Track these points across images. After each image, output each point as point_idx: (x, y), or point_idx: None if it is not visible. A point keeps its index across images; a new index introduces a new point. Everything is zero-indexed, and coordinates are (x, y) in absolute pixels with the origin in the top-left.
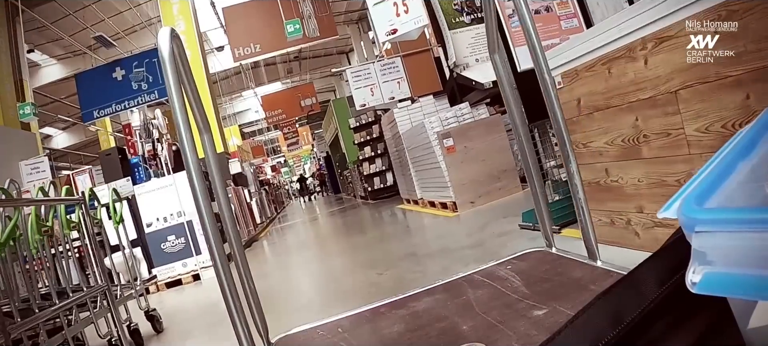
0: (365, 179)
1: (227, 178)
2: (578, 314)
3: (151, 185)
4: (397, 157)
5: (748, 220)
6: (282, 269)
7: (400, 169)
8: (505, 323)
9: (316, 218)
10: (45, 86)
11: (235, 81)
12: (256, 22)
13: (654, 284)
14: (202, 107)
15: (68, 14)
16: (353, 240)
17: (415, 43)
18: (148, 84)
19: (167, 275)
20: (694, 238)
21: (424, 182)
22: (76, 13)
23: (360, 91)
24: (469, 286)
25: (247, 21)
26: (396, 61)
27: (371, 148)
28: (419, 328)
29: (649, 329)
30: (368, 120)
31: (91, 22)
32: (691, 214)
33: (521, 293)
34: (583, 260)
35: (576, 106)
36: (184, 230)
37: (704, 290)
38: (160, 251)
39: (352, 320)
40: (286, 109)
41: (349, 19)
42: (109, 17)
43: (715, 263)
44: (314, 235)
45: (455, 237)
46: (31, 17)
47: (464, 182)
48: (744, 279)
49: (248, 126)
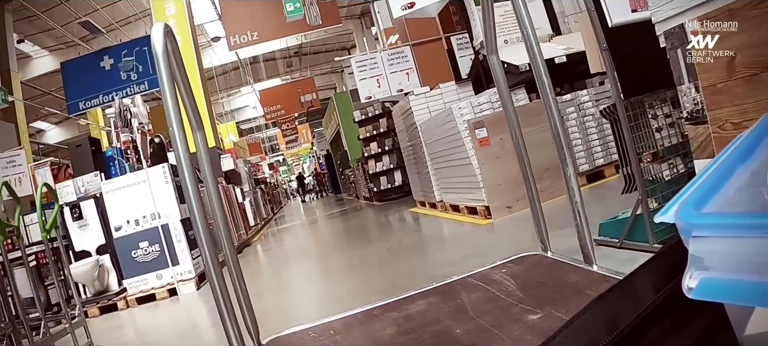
0: (370, 178)
1: (218, 175)
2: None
3: (121, 182)
4: (411, 153)
5: (746, 225)
6: (276, 292)
7: (415, 166)
8: (499, 328)
9: (316, 221)
10: (36, 79)
11: (234, 76)
12: (254, 8)
13: (650, 289)
14: (195, 105)
15: (60, 3)
16: (363, 252)
17: (425, 32)
18: (138, 74)
19: (139, 289)
20: (691, 243)
21: (446, 181)
22: (68, 2)
23: (365, 83)
24: (463, 289)
25: (244, 7)
26: (405, 51)
27: (378, 144)
28: (412, 331)
29: (645, 335)
30: (375, 113)
31: (83, 11)
32: (689, 219)
33: (516, 297)
34: (579, 265)
35: (726, 67)
36: (159, 235)
37: (701, 296)
38: (130, 259)
39: (345, 322)
40: (285, 105)
41: (351, 13)
42: (102, 7)
43: (712, 269)
44: (314, 242)
45: (497, 253)
46: (21, 5)
47: (500, 182)
48: (741, 285)
49: (246, 123)
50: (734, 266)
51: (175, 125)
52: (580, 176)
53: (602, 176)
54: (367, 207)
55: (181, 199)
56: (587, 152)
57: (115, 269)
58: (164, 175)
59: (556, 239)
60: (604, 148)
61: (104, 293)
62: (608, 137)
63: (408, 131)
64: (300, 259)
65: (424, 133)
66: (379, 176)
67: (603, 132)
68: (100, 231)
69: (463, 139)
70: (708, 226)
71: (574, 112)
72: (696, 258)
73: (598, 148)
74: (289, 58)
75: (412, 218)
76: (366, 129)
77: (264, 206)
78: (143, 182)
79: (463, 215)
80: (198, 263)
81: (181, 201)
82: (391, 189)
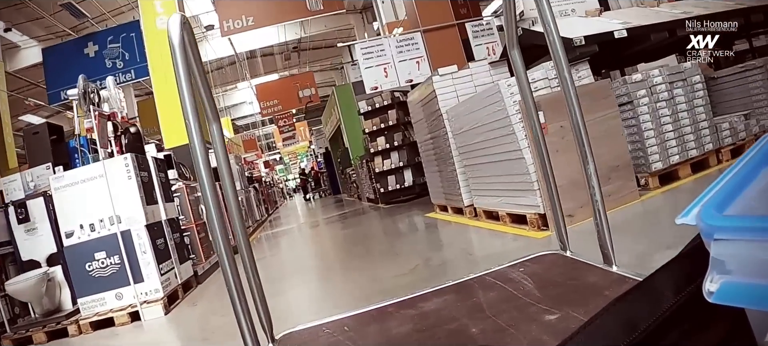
0: (376, 177)
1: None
2: (591, 320)
3: (73, 176)
4: (430, 148)
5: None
6: None
7: (435, 164)
8: (515, 327)
9: (316, 225)
10: (24, 70)
11: (230, 72)
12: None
13: (670, 292)
14: (212, 99)
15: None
16: (378, 273)
17: (438, 17)
18: (124, 62)
19: (94, 311)
20: (712, 245)
21: (481, 181)
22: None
23: (371, 72)
24: (479, 287)
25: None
26: (415, 37)
27: (386, 139)
28: (427, 329)
29: (664, 338)
30: (384, 103)
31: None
32: (711, 221)
33: (533, 297)
34: (598, 265)
35: None
36: (119, 244)
37: (721, 300)
38: (84, 274)
39: (359, 318)
40: (283, 100)
41: (351, 6)
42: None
43: (733, 273)
44: (314, 253)
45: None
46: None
47: (561, 182)
48: (763, 290)
49: (242, 120)
50: (756, 271)
51: (191, 119)
52: (652, 177)
53: (676, 176)
54: (372, 210)
55: (148, 199)
56: (661, 147)
57: (68, 285)
58: (127, 168)
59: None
60: (680, 142)
61: (55, 314)
62: (685, 129)
63: (428, 121)
64: (297, 278)
65: (451, 122)
66: (386, 174)
67: (678, 121)
68: (51, 237)
69: (514, 126)
70: (730, 229)
71: (645, 97)
72: (717, 261)
73: (672, 142)
74: (288, 53)
75: (432, 225)
76: (372, 122)
77: (258, 207)
78: (100, 176)
79: (503, 225)
80: (168, 279)
81: (148, 202)
82: (401, 190)
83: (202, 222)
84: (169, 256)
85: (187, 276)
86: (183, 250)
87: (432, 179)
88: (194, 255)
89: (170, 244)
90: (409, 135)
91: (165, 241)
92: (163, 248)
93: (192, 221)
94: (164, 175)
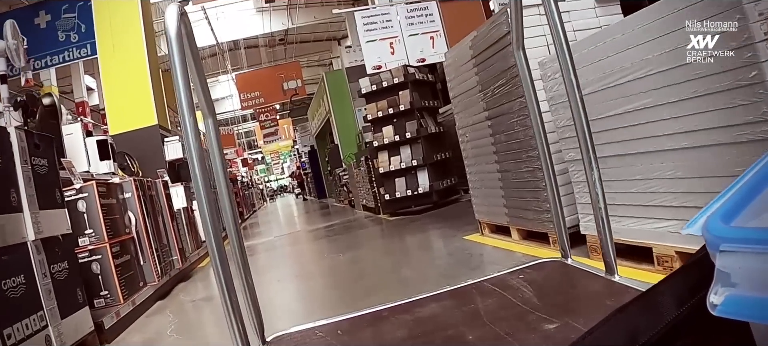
0: (380, 179)
1: (160, 167)
2: (592, 330)
3: None
4: (486, 135)
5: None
6: None
7: (495, 158)
8: (513, 336)
9: (297, 241)
10: None
11: (211, 63)
12: None
13: (673, 304)
14: (208, 92)
15: None
16: None
17: None
18: (80, 35)
19: None
20: (718, 257)
21: (622, 187)
22: None
23: (373, 46)
24: (477, 294)
25: None
26: (429, 7)
27: (395, 128)
28: (423, 335)
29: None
30: (393, 82)
31: None
32: (717, 232)
33: (532, 305)
34: (600, 274)
35: None
36: None
37: (725, 313)
38: None
39: (353, 322)
40: (266, 92)
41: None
42: None
43: (739, 285)
44: (297, 294)
45: None
46: None
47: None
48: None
49: (222, 115)
50: (762, 284)
51: (186, 113)
52: None
53: None
54: (373, 224)
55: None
56: None
57: None
58: None
59: None
60: None
61: None
62: None
63: (486, 90)
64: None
65: (547, 84)
66: (393, 176)
67: None
68: None
69: None
70: (737, 240)
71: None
72: (723, 273)
73: None
74: (274, 47)
75: (491, 262)
76: (377, 105)
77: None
78: None
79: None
80: None
81: (43, 206)
82: (412, 198)
83: (125, 238)
84: (36, 306)
85: (81, 335)
86: (75, 289)
87: (483, 184)
88: (107, 291)
89: (42, 282)
90: (426, 125)
91: (29, 278)
92: (22, 293)
93: (105, 238)
94: (47, 163)
